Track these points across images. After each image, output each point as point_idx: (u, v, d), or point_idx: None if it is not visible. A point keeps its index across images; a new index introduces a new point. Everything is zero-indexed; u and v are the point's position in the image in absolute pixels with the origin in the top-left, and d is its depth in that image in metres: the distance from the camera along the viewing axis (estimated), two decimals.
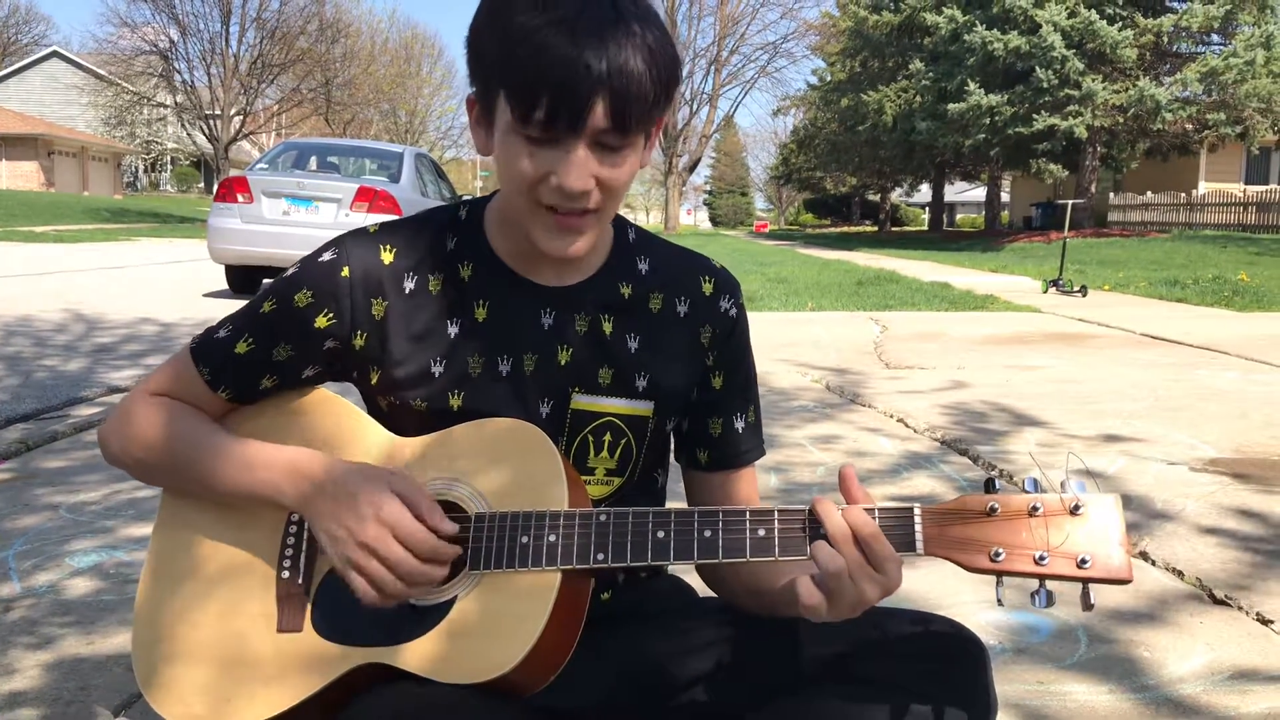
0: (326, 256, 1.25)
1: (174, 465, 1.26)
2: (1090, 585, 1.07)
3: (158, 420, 1.27)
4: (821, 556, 1.07)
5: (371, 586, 1.13)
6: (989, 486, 1.10)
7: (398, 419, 1.27)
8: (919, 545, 1.09)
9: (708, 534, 1.12)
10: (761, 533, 1.11)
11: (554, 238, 1.17)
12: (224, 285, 11.09)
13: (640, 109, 1.10)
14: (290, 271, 1.26)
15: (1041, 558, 1.06)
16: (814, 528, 1.11)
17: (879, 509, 1.10)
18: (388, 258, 1.26)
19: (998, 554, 1.06)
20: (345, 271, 1.24)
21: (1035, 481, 1.10)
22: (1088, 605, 1.06)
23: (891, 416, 4.71)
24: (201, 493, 1.26)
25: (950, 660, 1.19)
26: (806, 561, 1.15)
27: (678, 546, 1.13)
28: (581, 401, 1.28)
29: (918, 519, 1.09)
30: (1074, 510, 1.06)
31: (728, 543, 1.12)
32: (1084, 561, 1.05)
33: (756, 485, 1.42)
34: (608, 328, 1.29)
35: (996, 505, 1.07)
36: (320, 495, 1.17)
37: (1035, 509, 1.07)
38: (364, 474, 1.17)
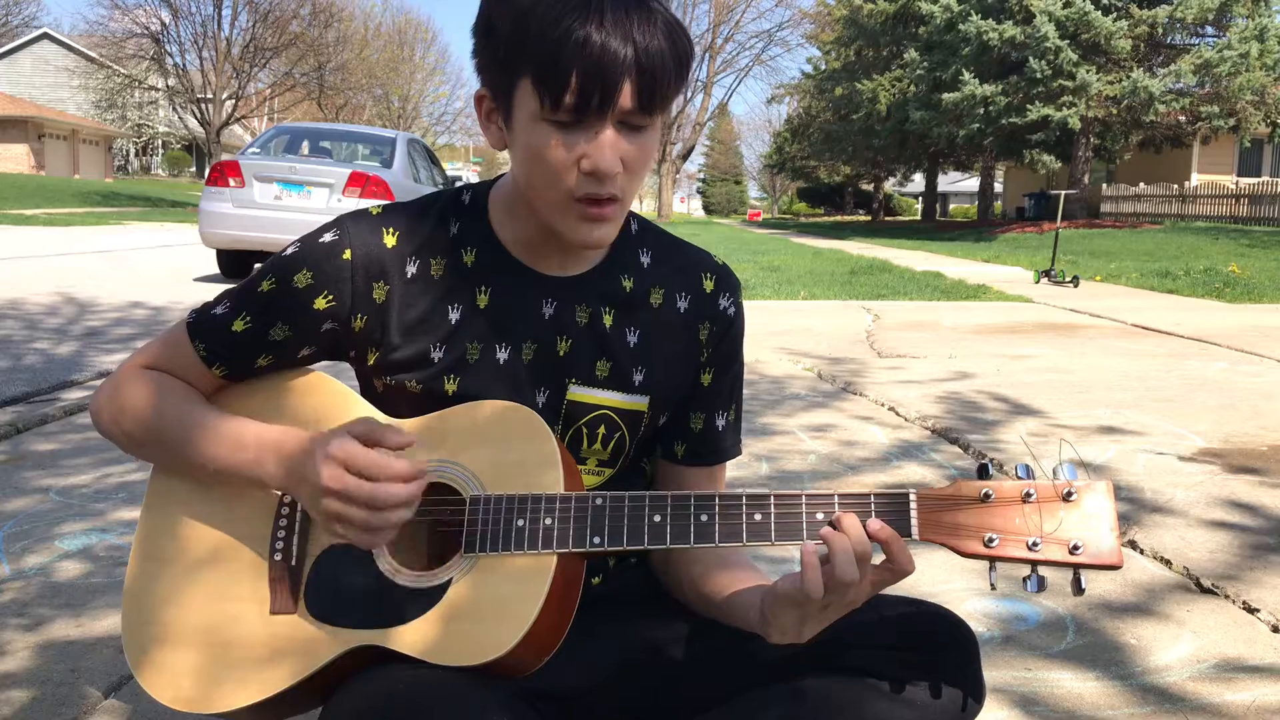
0: (328, 237, 1.24)
1: (163, 440, 1.25)
2: (1081, 571, 1.07)
3: (149, 394, 1.26)
4: (841, 565, 1.06)
5: (350, 527, 1.11)
6: (983, 472, 1.10)
7: (392, 400, 1.27)
8: (914, 531, 1.09)
9: (704, 518, 1.12)
10: (758, 517, 1.11)
11: (583, 228, 1.17)
12: (215, 269, 11.05)
13: (664, 88, 1.10)
14: (290, 250, 1.25)
15: (1034, 544, 1.07)
16: (810, 514, 1.11)
17: (875, 494, 1.11)
18: (390, 241, 1.25)
19: (991, 540, 1.07)
20: (347, 254, 1.23)
21: (1028, 468, 1.10)
22: (1079, 590, 1.07)
23: (883, 405, 4.72)
24: (189, 471, 1.25)
25: (940, 647, 1.19)
26: (755, 579, 1.21)
27: (674, 531, 1.13)
28: (577, 393, 1.28)
29: (913, 505, 1.10)
30: (1066, 496, 1.07)
31: (724, 528, 1.12)
32: (1076, 548, 1.06)
33: (724, 484, 1.42)
34: (608, 320, 1.29)
35: (990, 491, 1.08)
36: (297, 464, 1.16)
37: (1029, 495, 1.08)
38: (328, 431, 1.16)
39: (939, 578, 2.59)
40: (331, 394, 1.28)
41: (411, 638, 1.12)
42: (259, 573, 1.21)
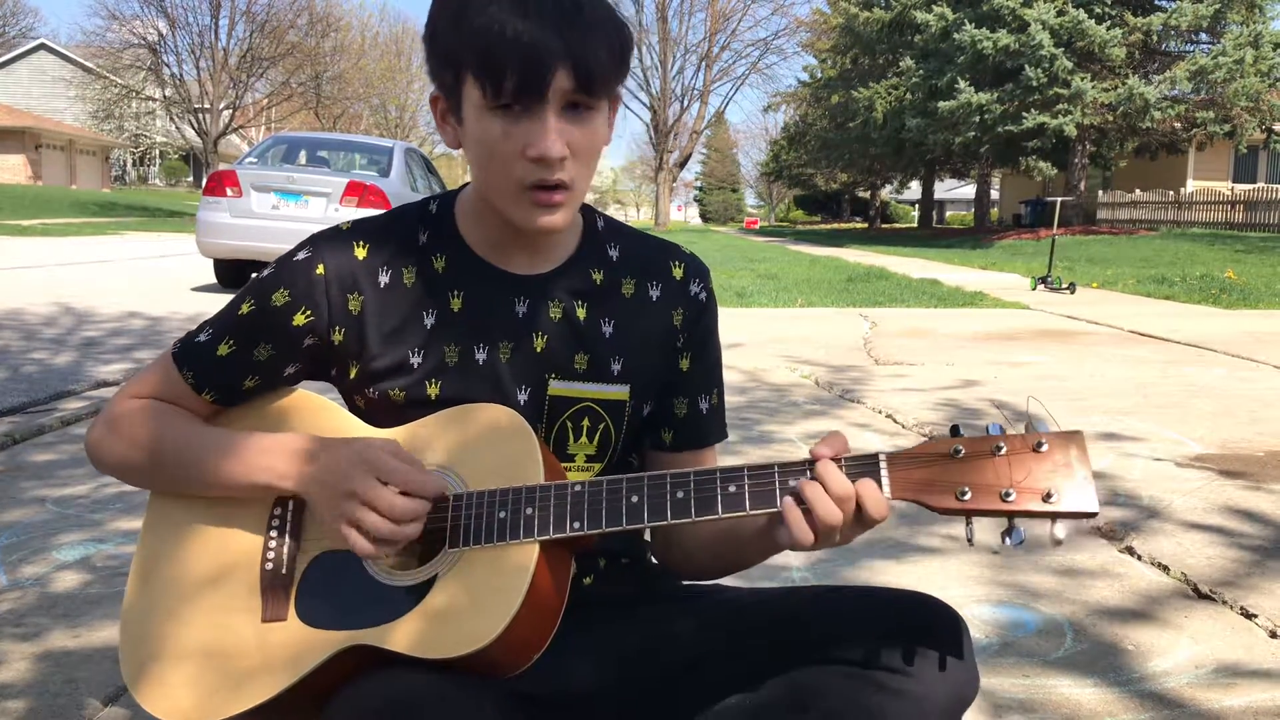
0: (301, 255, 1.28)
1: (166, 465, 1.27)
2: (1058, 520, 1.07)
3: (146, 421, 1.28)
4: (820, 509, 1.10)
5: (363, 534, 1.14)
6: (954, 432, 1.12)
7: (375, 414, 1.29)
8: (886, 489, 1.11)
9: (680, 495, 1.15)
10: (732, 489, 1.14)
11: (534, 214, 1.21)
12: (212, 279, 11.05)
13: (600, 70, 1.15)
14: (266, 272, 1.29)
15: (1007, 494, 1.07)
16: (784, 481, 1.13)
17: (845, 458, 1.13)
18: (361, 253, 1.29)
19: (964, 493, 1.08)
20: (320, 269, 1.26)
21: (1000, 427, 1.11)
22: (1056, 541, 1.07)
23: (880, 412, 4.73)
24: (195, 490, 1.26)
25: (930, 635, 1.19)
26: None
27: (651, 508, 1.15)
28: (558, 387, 1.31)
29: (883, 464, 1.12)
30: (1037, 448, 1.08)
31: (699, 501, 1.14)
32: (1049, 495, 1.06)
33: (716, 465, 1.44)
34: (581, 314, 1.32)
35: (961, 447, 1.09)
36: (313, 466, 1.19)
37: (999, 448, 1.08)
38: (350, 440, 1.20)
39: (936, 584, 2.60)
40: (324, 412, 1.30)
41: (399, 634, 1.13)
42: (252, 584, 1.22)
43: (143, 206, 35.85)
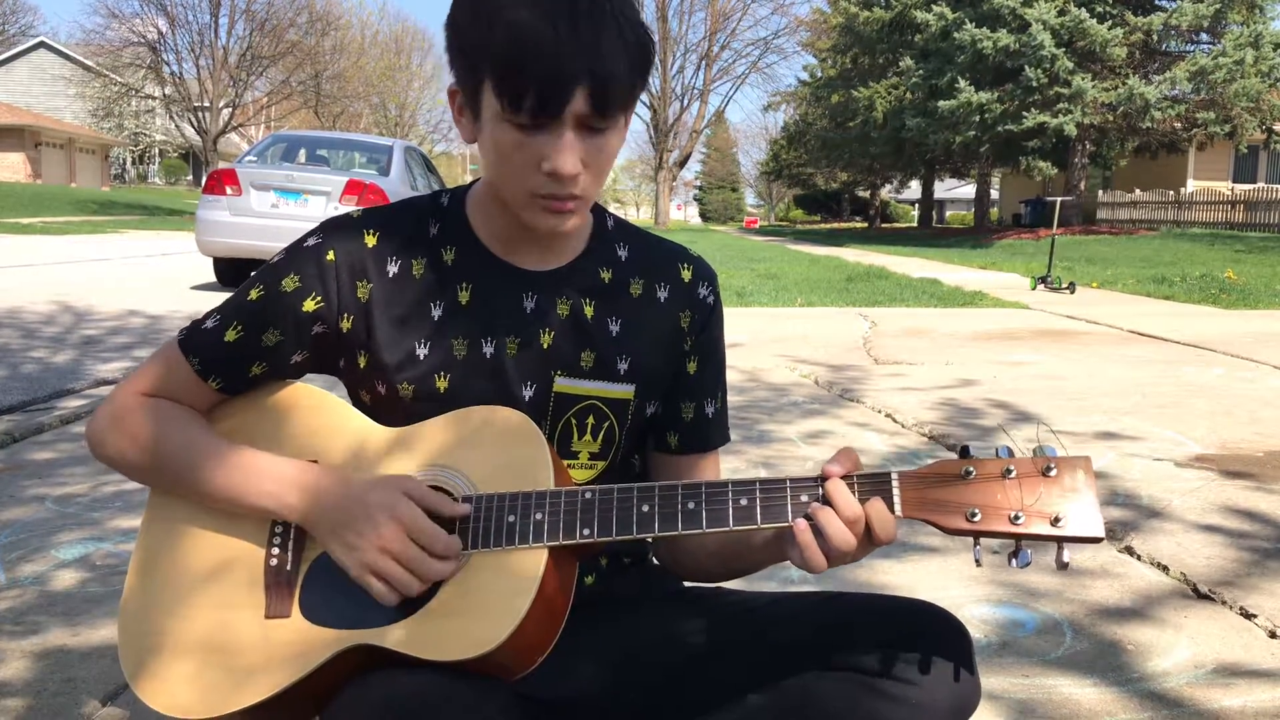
0: (311, 241, 1.28)
1: (165, 468, 1.26)
2: (1065, 545, 1.09)
3: (152, 424, 1.27)
4: (833, 535, 1.10)
5: (391, 588, 1.14)
6: (964, 453, 1.13)
7: (382, 409, 1.29)
8: (897, 508, 1.12)
9: (691, 505, 1.15)
10: (744, 502, 1.14)
11: (546, 220, 1.21)
12: (212, 278, 11.05)
13: (620, 93, 1.14)
14: (276, 258, 1.29)
15: (1016, 517, 1.08)
16: (796, 495, 1.13)
17: (857, 476, 1.13)
18: (371, 241, 1.29)
19: (974, 514, 1.09)
20: (330, 255, 1.26)
21: (1009, 449, 1.12)
22: (1062, 564, 1.09)
23: (880, 412, 4.73)
24: (194, 496, 1.25)
25: (933, 644, 1.20)
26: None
27: (662, 518, 1.15)
28: (564, 384, 1.31)
29: (895, 484, 1.12)
30: (1046, 472, 1.09)
31: (711, 513, 1.14)
32: (1058, 520, 1.08)
33: (720, 470, 1.46)
34: (589, 311, 1.32)
35: (971, 469, 1.11)
36: (332, 507, 1.18)
37: (1009, 471, 1.10)
38: (375, 482, 1.18)
39: (936, 584, 2.60)
40: (324, 406, 1.29)
41: (404, 635, 1.13)
42: (255, 580, 1.21)
43: (142, 205, 35.83)
